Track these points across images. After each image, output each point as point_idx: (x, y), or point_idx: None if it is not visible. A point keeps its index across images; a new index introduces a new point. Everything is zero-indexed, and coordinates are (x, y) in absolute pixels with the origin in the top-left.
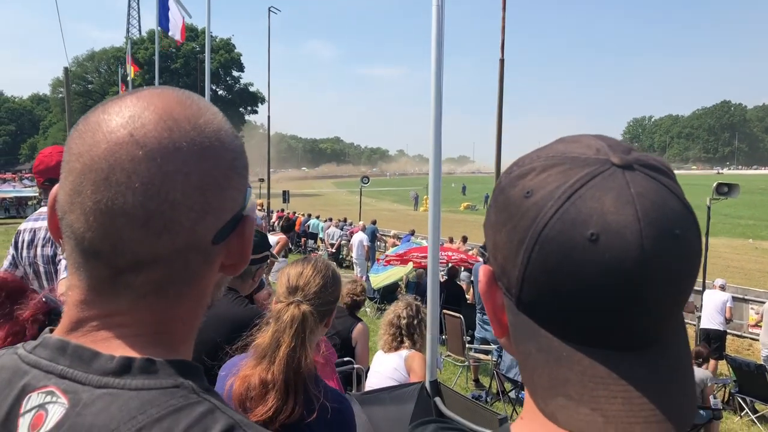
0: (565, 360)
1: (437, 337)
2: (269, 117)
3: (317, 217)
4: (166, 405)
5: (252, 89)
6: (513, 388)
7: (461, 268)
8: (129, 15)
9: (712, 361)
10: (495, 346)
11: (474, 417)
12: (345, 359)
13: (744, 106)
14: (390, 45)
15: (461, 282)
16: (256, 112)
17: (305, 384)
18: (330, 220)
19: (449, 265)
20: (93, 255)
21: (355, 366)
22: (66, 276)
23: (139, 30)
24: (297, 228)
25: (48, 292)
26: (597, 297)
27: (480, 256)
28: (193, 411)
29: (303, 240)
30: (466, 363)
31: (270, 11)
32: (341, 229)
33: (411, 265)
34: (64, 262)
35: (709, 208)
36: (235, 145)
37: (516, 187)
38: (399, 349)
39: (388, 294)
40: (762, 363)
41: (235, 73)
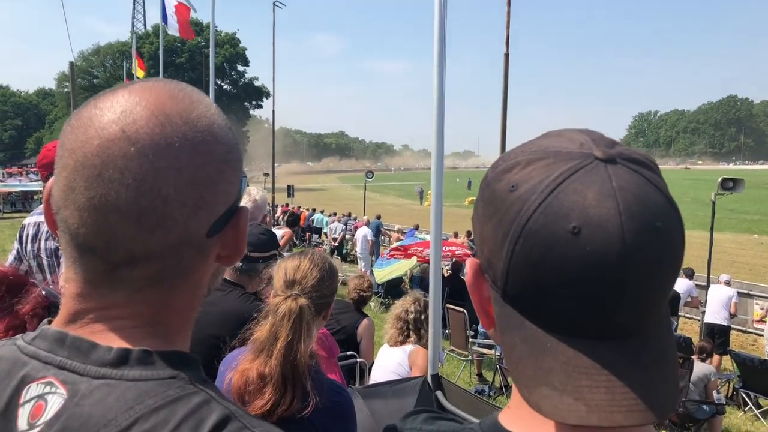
0: (549, 350)
1: (439, 331)
2: (274, 111)
3: (322, 212)
4: (162, 395)
5: (257, 84)
6: None
7: (465, 262)
8: (134, 9)
9: (716, 357)
10: None
11: (476, 411)
12: (348, 353)
13: (750, 100)
14: (395, 39)
15: (465, 277)
16: (261, 106)
17: (303, 377)
18: (334, 214)
19: (453, 260)
20: (87, 250)
21: (359, 360)
22: (64, 285)
23: (144, 24)
24: (302, 222)
25: (48, 285)
26: (579, 289)
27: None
28: (190, 401)
29: (308, 234)
30: (469, 357)
31: (275, 5)
32: (345, 224)
33: (415, 260)
34: None
35: (714, 203)
36: (228, 138)
37: (501, 181)
38: (404, 344)
39: (392, 288)
40: (766, 358)
41: (240, 68)
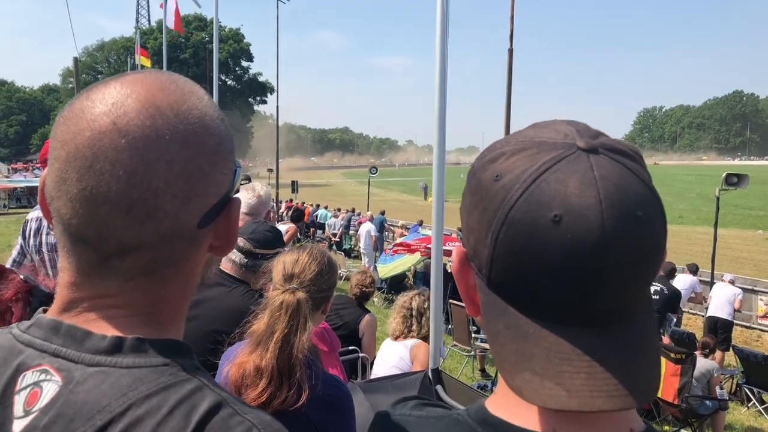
0: (532, 337)
1: (440, 326)
2: (278, 107)
3: (326, 208)
4: (156, 382)
5: (261, 79)
6: None
7: None
8: (138, 5)
9: (718, 352)
10: None
11: None
12: (350, 348)
13: (756, 96)
14: (399, 35)
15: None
16: (265, 102)
17: (300, 370)
18: (338, 210)
19: None
20: (80, 240)
21: (360, 355)
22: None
23: (149, 20)
24: (306, 218)
25: (28, 271)
26: (560, 276)
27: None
28: (182, 388)
29: (312, 230)
30: (472, 353)
31: (278, 1)
32: (349, 221)
33: (418, 255)
34: None
35: (718, 198)
36: (220, 130)
37: (487, 171)
38: (407, 337)
39: (395, 284)
40: None
41: (244, 63)
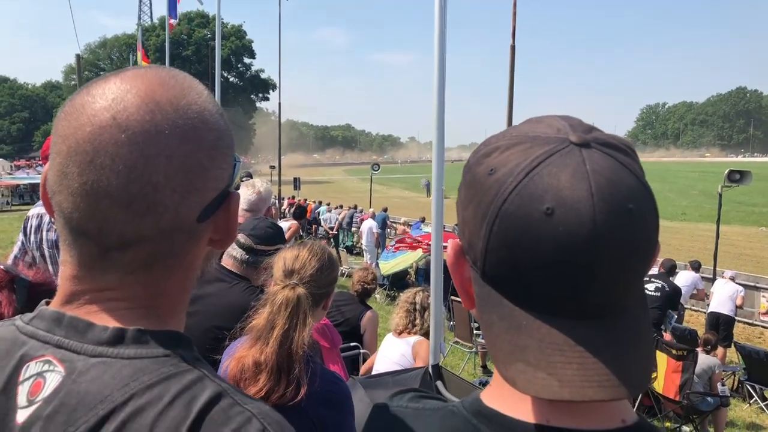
0: (525, 328)
1: (440, 322)
2: (280, 104)
3: (327, 204)
4: (157, 373)
5: (263, 76)
6: None
7: None
8: (140, 2)
9: (720, 349)
10: None
11: None
12: (351, 344)
13: (760, 92)
14: (401, 32)
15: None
16: (267, 99)
17: (299, 366)
18: (340, 206)
19: None
20: (81, 234)
21: (362, 351)
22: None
23: (151, 17)
24: (308, 215)
25: (28, 267)
26: (553, 268)
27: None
28: (183, 378)
29: (314, 227)
30: (474, 349)
31: None
32: (351, 217)
33: (420, 252)
34: None
35: (721, 195)
36: (219, 125)
37: (481, 165)
38: (410, 332)
39: (397, 281)
40: None
41: (247, 60)
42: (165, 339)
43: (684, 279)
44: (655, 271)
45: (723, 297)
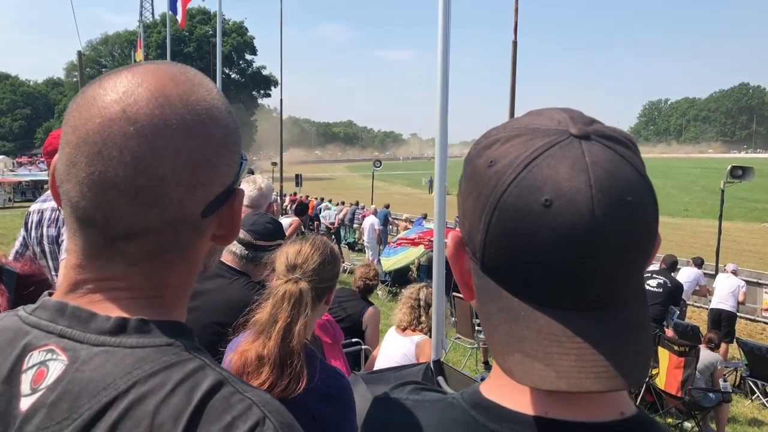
0: (523, 319)
1: (442, 318)
2: (282, 100)
3: (329, 201)
4: (159, 361)
5: (265, 72)
6: None
7: None
8: None
9: (722, 345)
10: None
11: None
12: (353, 340)
13: (763, 88)
14: (403, 28)
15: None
16: (269, 95)
17: (301, 360)
18: (342, 203)
19: None
20: (87, 223)
21: (363, 347)
22: (66, 257)
23: (152, 13)
24: (310, 211)
25: (28, 261)
26: (551, 260)
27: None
28: (185, 367)
29: (315, 223)
30: (475, 345)
31: None
32: (353, 214)
33: (422, 248)
34: (65, 243)
35: (723, 191)
36: (228, 122)
37: (482, 157)
38: (415, 329)
39: (399, 277)
40: None
41: (248, 57)
42: (167, 328)
43: (686, 275)
44: (657, 267)
45: (724, 292)
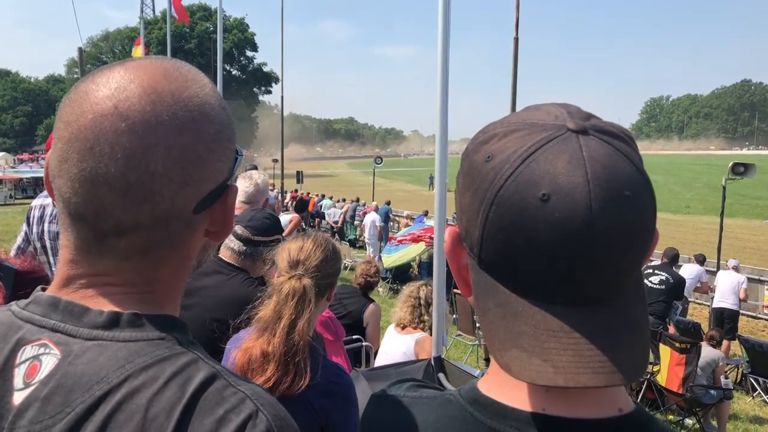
0: (521, 314)
1: (443, 315)
2: (282, 97)
3: (330, 198)
4: (152, 355)
5: (266, 69)
6: None
7: None
8: None
9: (724, 342)
10: None
11: None
12: (354, 337)
13: (765, 85)
14: (404, 24)
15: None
16: (270, 92)
17: (305, 356)
18: (343, 200)
19: None
20: (78, 218)
21: (364, 344)
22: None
23: (153, 10)
24: (311, 208)
25: (29, 257)
26: (548, 254)
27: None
28: (178, 360)
29: (316, 220)
30: (476, 342)
31: None
32: (354, 210)
33: (423, 245)
34: None
35: (725, 188)
36: (221, 118)
37: (479, 153)
38: (416, 328)
39: (400, 274)
40: None
41: (249, 53)
42: (160, 322)
43: (688, 272)
44: (658, 262)
45: (725, 289)
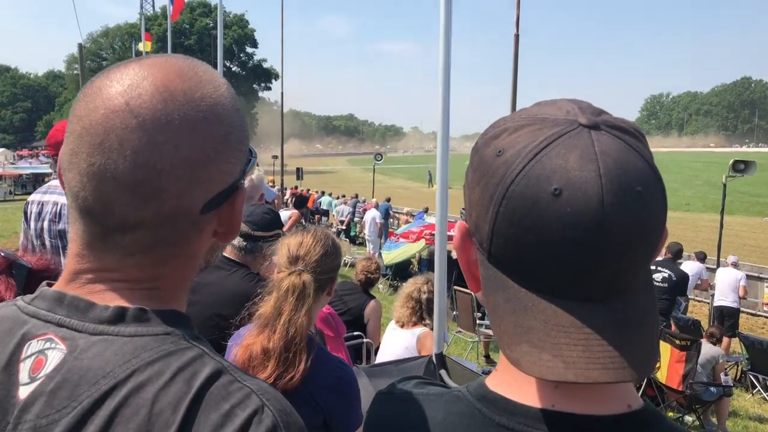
0: (531, 309)
1: (444, 311)
2: (282, 93)
3: (330, 195)
4: (158, 350)
5: (266, 65)
6: None
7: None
8: None
9: (725, 339)
10: None
11: None
12: (354, 333)
13: (765, 82)
14: (404, 21)
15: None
16: (270, 88)
17: (306, 352)
18: (343, 197)
19: None
20: (86, 212)
21: (365, 340)
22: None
23: (153, 6)
24: (310, 205)
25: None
26: (559, 249)
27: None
28: (184, 355)
29: (316, 217)
30: (477, 339)
31: None
32: (354, 207)
33: (423, 242)
34: None
35: (725, 185)
36: (232, 120)
37: (489, 147)
38: (416, 325)
39: (400, 271)
40: None
41: (249, 49)
42: (165, 317)
43: (689, 269)
44: (661, 258)
45: (725, 287)
